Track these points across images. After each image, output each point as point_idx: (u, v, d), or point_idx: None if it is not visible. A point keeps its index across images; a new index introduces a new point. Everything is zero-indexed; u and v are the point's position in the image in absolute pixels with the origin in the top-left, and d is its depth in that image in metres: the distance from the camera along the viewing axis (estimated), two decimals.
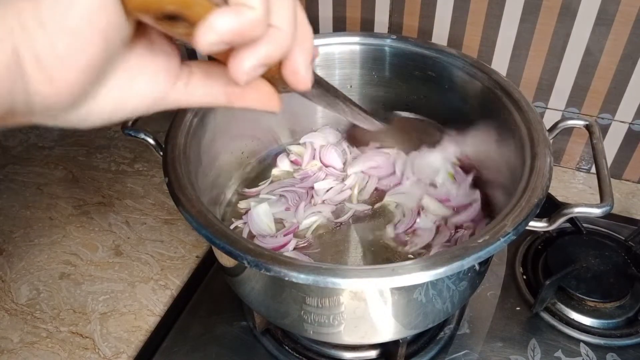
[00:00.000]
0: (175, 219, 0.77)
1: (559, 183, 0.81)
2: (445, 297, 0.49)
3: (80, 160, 0.88)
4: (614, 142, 0.78)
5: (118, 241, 0.75)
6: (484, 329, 0.61)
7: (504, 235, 0.43)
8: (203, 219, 0.45)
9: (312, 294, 0.46)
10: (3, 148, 0.91)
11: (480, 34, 0.75)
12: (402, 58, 0.68)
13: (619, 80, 0.72)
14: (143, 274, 0.70)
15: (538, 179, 0.47)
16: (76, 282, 0.69)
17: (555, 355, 0.59)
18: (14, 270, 0.71)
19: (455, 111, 0.67)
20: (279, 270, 0.40)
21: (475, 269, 0.50)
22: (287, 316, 0.51)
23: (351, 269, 0.41)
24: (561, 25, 0.70)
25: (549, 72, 0.74)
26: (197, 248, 0.73)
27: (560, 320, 0.62)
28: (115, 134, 0.93)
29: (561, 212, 0.46)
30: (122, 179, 0.84)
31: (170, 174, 0.49)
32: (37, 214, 0.79)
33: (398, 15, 0.78)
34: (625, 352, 0.59)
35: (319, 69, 0.70)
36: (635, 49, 0.68)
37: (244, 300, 0.56)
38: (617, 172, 0.81)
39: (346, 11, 0.80)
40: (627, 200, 0.78)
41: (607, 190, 0.47)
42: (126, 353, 0.61)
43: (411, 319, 0.50)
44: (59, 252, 0.73)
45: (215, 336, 0.62)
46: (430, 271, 0.40)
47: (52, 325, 0.64)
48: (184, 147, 0.53)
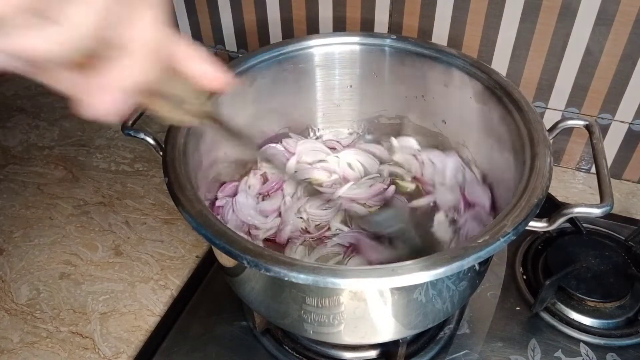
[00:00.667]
0: (175, 219, 0.77)
1: (559, 183, 0.81)
2: (445, 297, 0.49)
3: (80, 160, 0.88)
4: (614, 142, 0.78)
5: (118, 241, 0.75)
6: (484, 329, 0.61)
7: (504, 235, 0.43)
8: (203, 219, 0.45)
9: (312, 294, 0.46)
10: (3, 148, 0.91)
11: (480, 34, 0.75)
12: (402, 58, 0.68)
13: (619, 80, 0.72)
14: (143, 274, 0.70)
15: (538, 179, 0.47)
16: (76, 282, 0.69)
17: (555, 355, 0.59)
18: (14, 270, 0.71)
19: (455, 111, 0.67)
20: (278, 270, 0.40)
21: (475, 269, 0.50)
22: (287, 316, 0.51)
23: (351, 269, 0.41)
24: (561, 25, 0.70)
25: (549, 72, 0.74)
26: (197, 248, 0.73)
27: (560, 320, 0.62)
28: (115, 134, 0.93)
29: (561, 212, 0.46)
30: (122, 179, 0.84)
31: (170, 174, 0.49)
32: (37, 214, 0.79)
33: (398, 15, 0.78)
34: (625, 352, 0.59)
35: (319, 69, 0.70)
36: (635, 49, 0.68)
37: (244, 300, 0.56)
38: (617, 172, 0.81)
39: (346, 11, 0.80)
40: (627, 200, 0.78)
41: (607, 190, 0.47)
42: (126, 353, 0.61)
43: (411, 319, 0.50)
44: (59, 252, 0.73)
45: (215, 336, 0.62)
46: (430, 271, 0.40)
47: (52, 325, 0.64)
48: (184, 147, 0.53)
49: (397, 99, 0.72)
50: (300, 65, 0.69)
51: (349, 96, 0.73)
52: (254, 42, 0.90)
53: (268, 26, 0.87)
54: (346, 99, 0.74)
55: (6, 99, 1.04)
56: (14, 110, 1.01)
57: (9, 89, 1.07)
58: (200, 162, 0.58)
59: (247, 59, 0.65)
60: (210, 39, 0.93)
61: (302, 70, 0.69)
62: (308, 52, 0.68)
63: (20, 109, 1.01)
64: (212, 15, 0.90)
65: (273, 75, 0.67)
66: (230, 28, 0.90)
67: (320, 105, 0.74)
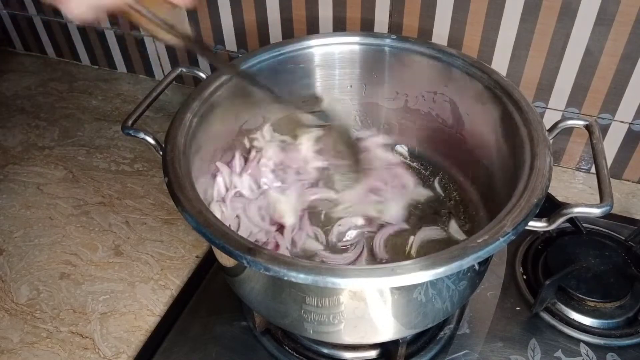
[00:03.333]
0: (175, 219, 0.77)
1: (559, 183, 0.81)
2: (444, 296, 0.49)
3: (80, 160, 0.89)
4: (614, 142, 0.78)
5: (118, 241, 0.75)
6: (484, 329, 0.61)
7: (504, 235, 0.43)
8: (203, 219, 0.45)
9: (312, 293, 0.46)
10: (3, 148, 0.91)
11: (480, 34, 0.75)
12: (402, 58, 0.68)
13: (619, 80, 0.72)
14: (143, 274, 0.70)
15: (538, 179, 0.47)
16: (76, 282, 0.69)
17: (555, 355, 0.59)
18: (14, 270, 0.71)
19: (455, 111, 0.67)
20: (278, 270, 0.40)
21: (475, 268, 0.50)
22: (287, 316, 0.51)
23: (351, 269, 0.41)
24: (561, 25, 0.70)
25: (549, 72, 0.74)
26: (197, 248, 0.73)
27: (560, 320, 0.62)
28: (115, 134, 0.93)
29: (561, 212, 0.46)
30: (122, 179, 0.84)
31: (170, 174, 0.49)
32: (37, 214, 0.79)
33: (398, 15, 0.78)
34: (625, 352, 0.59)
35: (319, 69, 0.70)
36: (635, 49, 0.68)
37: (244, 300, 0.56)
38: (617, 172, 0.81)
39: (346, 11, 0.80)
40: (627, 200, 0.78)
41: (607, 190, 0.47)
42: (126, 353, 0.61)
43: (411, 319, 0.50)
44: (59, 252, 0.73)
45: (215, 336, 0.62)
46: (429, 271, 0.40)
47: (52, 325, 0.64)
48: (184, 147, 0.53)
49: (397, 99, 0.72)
50: (300, 65, 0.69)
51: (349, 96, 0.73)
52: (254, 42, 0.90)
53: (268, 26, 0.87)
54: (346, 99, 0.74)
55: (6, 99, 1.04)
56: (14, 110, 1.01)
57: (9, 89, 1.07)
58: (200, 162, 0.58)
59: (247, 59, 0.65)
60: (210, 39, 0.93)
61: (302, 70, 0.69)
62: (308, 52, 0.68)
63: (20, 109, 1.01)
64: (212, 15, 0.90)
65: (273, 75, 0.67)
66: (230, 28, 0.90)
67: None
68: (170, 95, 1.02)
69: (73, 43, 1.10)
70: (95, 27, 1.04)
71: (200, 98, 0.59)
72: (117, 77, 1.09)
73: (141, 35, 1.00)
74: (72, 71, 1.12)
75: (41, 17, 1.08)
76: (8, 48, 1.19)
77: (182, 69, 0.65)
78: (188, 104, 0.58)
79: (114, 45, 1.06)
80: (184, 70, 0.66)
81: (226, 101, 0.62)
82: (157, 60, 1.03)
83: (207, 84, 0.61)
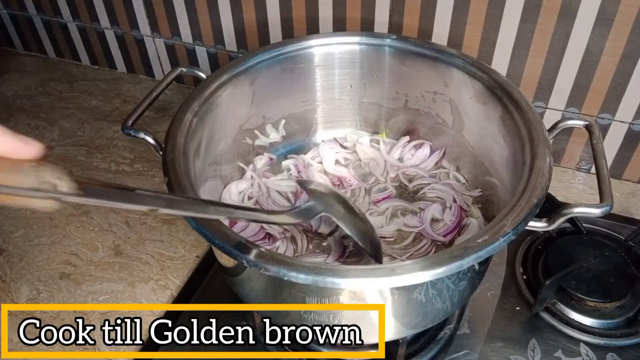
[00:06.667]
0: (175, 219, 0.77)
1: (559, 183, 0.81)
2: (445, 296, 0.49)
3: (80, 160, 0.88)
4: (614, 142, 0.77)
5: (118, 241, 0.75)
6: (484, 329, 0.61)
7: (504, 235, 0.43)
8: (203, 219, 0.45)
9: (312, 294, 0.46)
10: None
11: (480, 34, 0.75)
12: (402, 58, 0.68)
13: (619, 80, 0.72)
14: (143, 274, 0.70)
15: (538, 179, 0.47)
16: (76, 282, 0.69)
17: (555, 355, 0.59)
18: (14, 270, 0.71)
19: (454, 111, 0.67)
20: (278, 270, 0.41)
21: (475, 268, 0.50)
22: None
23: (351, 269, 0.41)
24: (561, 25, 0.70)
25: (549, 72, 0.74)
26: (197, 248, 0.73)
27: (560, 320, 0.62)
28: (115, 134, 0.93)
29: (561, 212, 0.46)
30: (122, 179, 0.84)
31: (170, 174, 0.49)
32: (37, 214, 0.79)
33: (398, 15, 0.78)
34: (625, 352, 0.59)
35: (319, 69, 0.70)
36: (635, 49, 0.68)
37: (244, 300, 0.56)
38: (617, 172, 0.81)
39: (346, 11, 0.80)
40: (627, 200, 0.78)
41: (607, 190, 0.47)
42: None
43: (411, 319, 0.50)
44: (59, 252, 0.73)
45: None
46: (429, 271, 0.40)
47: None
48: (184, 147, 0.53)
49: (397, 99, 0.72)
50: (300, 65, 0.69)
51: (349, 96, 0.73)
52: (254, 42, 0.90)
53: (268, 26, 0.87)
54: (346, 99, 0.74)
55: (6, 99, 1.04)
56: (14, 110, 1.01)
57: (9, 89, 1.07)
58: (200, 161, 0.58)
59: (247, 59, 0.65)
60: (210, 39, 0.93)
61: (302, 70, 0.69)
62: (308, 52, 0.68)
63: (20, 109, 1.01)
64: (212, 15, 0.90)
65: (273, 75, 0.67)
66: (230, 28, 0.90)
67: (320, 105, 0.74)
68: (170, 95, 1.02)
69: (73, 43, 1.10)
70: (95, 27, 1.04)
71: (200, 98, 0.59)
72: (117, 77, 1.09)
73: (141, 35, 1.00)
74: (72, 71, 1.12)
75: (41, 17, 1.08)
76: (8, 48, 1.19)
77: (182, 69, 0.66)
78: (188, 104, 0.58)
79: (114, 45, 1.06)
80: (184, 70, 0.66)
81: (226, 101, 0.62)
82: (157, 60, 1.03)
83: (207, 84, 0.61)
